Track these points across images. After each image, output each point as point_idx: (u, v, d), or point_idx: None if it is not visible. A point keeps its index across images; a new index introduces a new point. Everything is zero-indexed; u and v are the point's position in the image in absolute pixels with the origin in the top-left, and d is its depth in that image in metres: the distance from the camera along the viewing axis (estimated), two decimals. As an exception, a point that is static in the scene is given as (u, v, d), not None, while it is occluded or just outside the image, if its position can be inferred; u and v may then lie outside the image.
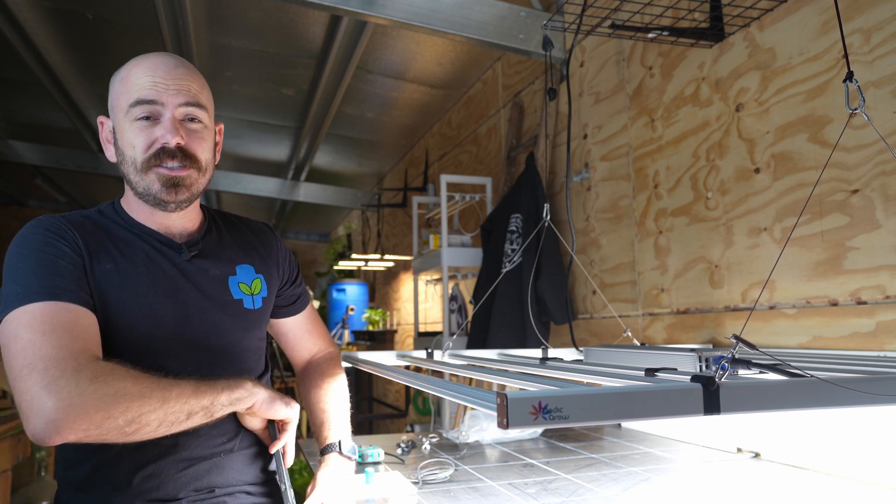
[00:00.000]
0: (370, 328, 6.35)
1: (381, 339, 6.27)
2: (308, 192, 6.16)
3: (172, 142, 1.04)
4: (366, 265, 6.41)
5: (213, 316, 1.13)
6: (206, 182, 1.13)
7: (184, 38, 3.16)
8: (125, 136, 1.06)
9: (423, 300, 4.63)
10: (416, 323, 4.08)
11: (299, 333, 1.40)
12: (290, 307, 1.36)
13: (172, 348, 1.08)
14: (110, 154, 1.12)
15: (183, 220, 1.16)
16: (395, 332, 6.00)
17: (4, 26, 3.20)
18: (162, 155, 1.05)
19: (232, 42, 3.35)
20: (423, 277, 4.24)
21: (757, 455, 1.58)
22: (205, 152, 1.11)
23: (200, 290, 1.12)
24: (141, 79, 1.04)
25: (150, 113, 1.04)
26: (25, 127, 5.08)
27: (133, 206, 1.14)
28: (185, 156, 1.06)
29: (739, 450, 1.62)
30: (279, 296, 1.31)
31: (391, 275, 6.38)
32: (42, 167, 5.92)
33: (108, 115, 1.12)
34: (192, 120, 1.09)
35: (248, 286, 1.20)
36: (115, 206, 1.16)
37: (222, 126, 1.23)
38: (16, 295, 0.95)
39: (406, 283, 5.55)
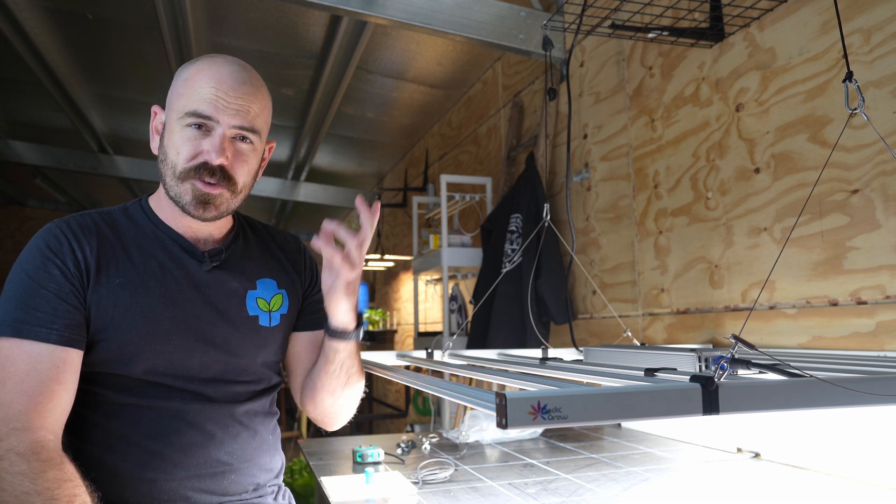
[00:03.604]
0: (370, 328, 6.35)
1: (381, 339, 6.27)
2: (308, 192, 6.16)
3: (216, 161, 1.01)
4: (366, 265, 6.40)
5: (224, 332, 1.10)
6: (238, 203, 1.10)
7: (184, 38, 3.16)
8: (172, 139, 1.03)
9: (423, 300, 4.63)
10: (416, 323, 4.08)
11: (311, 356, 1.23)
12: (308, 318, 1.24)
13: (179, 364, 1.06)
14: (154, 145, 1.08)
15: (210, 227, 1.13)
16: (395, 332, 6.00)
17: (4, 26, 3.20)
18: (202, 169, 1.02)
19: (232, 42, 3.35)
20: (423, 277, 4.24)
21: (757, 455, 1.58)
22: (244, 175, 1.08)
23: (214, 304, 1.09)
24: (204, 88, 1.00)
25: (202, 124, 1.01)
26: (25, 127, 5.08)
27: (163, 206, 1.11)
28: (223, 176, 1.03)
29: (739, 450, 1.62)
30: (301, 307, 1.23)
31: (391, 275, 6.38)
32: (42, 167, 5.91)
33: (162, 106, 1.09)
34: (242, 139, 1.05)
35: (268, 302, 1.16)
36: (142, 205, 1.13)
37: (273, 145, 1.18)
38: None
39: (406, 283, 5.55)
